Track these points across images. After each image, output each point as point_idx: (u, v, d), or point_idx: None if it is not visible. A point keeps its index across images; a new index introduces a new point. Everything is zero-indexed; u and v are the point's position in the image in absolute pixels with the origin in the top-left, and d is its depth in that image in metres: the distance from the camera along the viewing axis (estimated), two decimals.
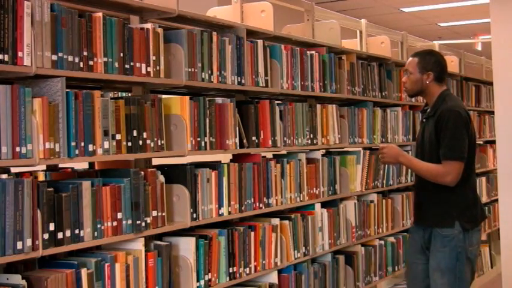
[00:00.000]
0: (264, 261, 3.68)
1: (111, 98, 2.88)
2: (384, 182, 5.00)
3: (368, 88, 4.90)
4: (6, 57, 2.41)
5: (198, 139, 3.28)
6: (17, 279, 2.45)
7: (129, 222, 2.88)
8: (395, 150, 3.68)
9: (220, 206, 3.41)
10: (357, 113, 4.71)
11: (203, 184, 3.30)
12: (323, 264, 4.24)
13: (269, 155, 3.99)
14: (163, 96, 3.25)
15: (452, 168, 3.49)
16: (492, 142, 7.01)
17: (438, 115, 3.57)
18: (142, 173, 2.97)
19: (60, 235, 2.57)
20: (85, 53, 2.73)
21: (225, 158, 3.87)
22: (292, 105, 4.04)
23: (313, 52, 4.25)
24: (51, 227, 2.53)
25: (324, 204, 4.30)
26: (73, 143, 2.63)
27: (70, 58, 2.66)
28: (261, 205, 3.69)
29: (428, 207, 3.65)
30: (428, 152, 3.62)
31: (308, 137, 4.15)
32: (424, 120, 3.75)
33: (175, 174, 3.21)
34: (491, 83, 5.71)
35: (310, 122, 4.18)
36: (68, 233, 2.60)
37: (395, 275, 5.18)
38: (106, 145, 2.78)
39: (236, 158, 3.73)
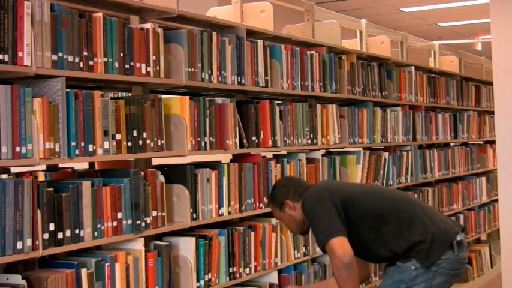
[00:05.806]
0: (264, 261, 3.68)
1: (111, 98, 2.88)
2: (384, 182, 5.00)
3: (368, 88, 4.90)
4: (6, 57, 2.41)
5: (198, 139, 3.28)
6: (17, 279, 2.45)
7: (129, 222, 2.88)
8: None
9: (220, 206, 3.41)
10: (357, 113, 4.71)
11: (203, 184, 3.30)
12: (323, 264, 4.24)
13: (269, 155, 3.99)
14: (163, 96, 3.25)
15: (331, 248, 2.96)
16: (492, 142, 7.00)
17: None
18: (142, 173, 2.97)
19: (60, 235, 2.57)
20: (85, 53, 2.73)
21: (225, 158, 3.87)
22: (292, 105, 4.03)
23: (313, 52, 4.24)
24: (51, 227, 2.53)
25: None
26: (73, 143, 2.63)
27: (70, 58, 2.66)
28: (261, 205, 3.68)
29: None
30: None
31: (308, 137, 4.15)
32: None
33: (175, 174, 3.21)
34: (491, 83, 5.71)
35: (310, 122, 4.18)
36: (68, 233, 2.60)
37: None
38: (106, 145, 2.78)
39: (236, 158, 3.73)
